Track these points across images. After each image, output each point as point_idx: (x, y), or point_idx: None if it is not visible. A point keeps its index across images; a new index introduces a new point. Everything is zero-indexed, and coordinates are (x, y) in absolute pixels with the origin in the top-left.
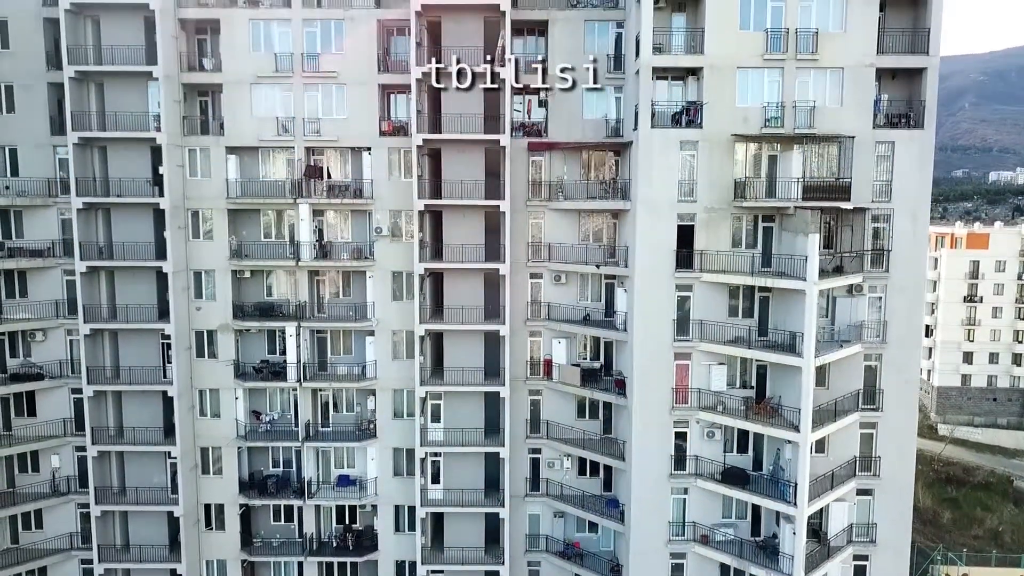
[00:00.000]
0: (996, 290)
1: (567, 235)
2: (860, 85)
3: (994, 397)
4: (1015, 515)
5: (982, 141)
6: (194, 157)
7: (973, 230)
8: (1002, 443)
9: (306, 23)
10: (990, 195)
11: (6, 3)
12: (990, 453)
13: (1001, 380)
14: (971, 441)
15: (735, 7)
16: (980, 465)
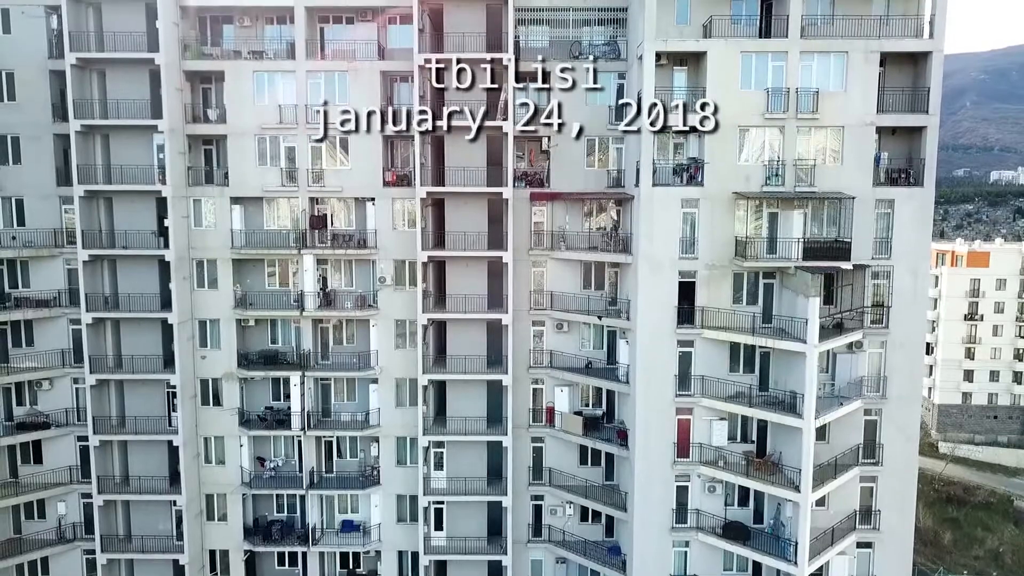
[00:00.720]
0: (997, 308)
1: (569, 283)
2: (860, 143)
3: (995, 415)
4: (1015, 536)
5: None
6: (199, 207)
7: (974, 248)
8: (1003, 461)
9: (310, 75)
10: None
11: (13, 55)
12: (991, 472)
13: (1002, 398)
14: (972, 459)
15: (736, 67)
16: (981, 484)
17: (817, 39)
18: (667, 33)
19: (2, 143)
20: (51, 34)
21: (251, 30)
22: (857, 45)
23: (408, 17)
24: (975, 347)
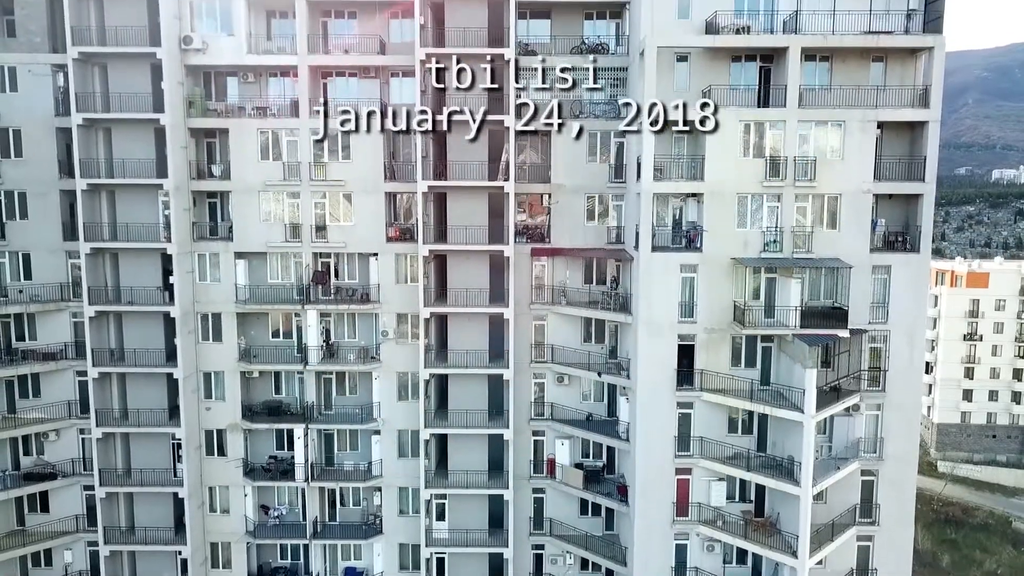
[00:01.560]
0: (996, 328)
1: (570, 337)
2: (858, 210)
3: (993, 434)
4: (1014, 557)
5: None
6: (203, 262)
7: (973, 268)
8: (1002, 481)
9: (313, 132)
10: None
11: (20, 112)
12: (989, 491)
13: (1001, 418)
14: (970, 479)
15: (735, 135)
16: (980, 505)
17: (815, 108)
18: (665, 98)
19: (9, 198)
20: (57, 91)
21: (255, 86)
22: (854, 115)
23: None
24: (974, 367)
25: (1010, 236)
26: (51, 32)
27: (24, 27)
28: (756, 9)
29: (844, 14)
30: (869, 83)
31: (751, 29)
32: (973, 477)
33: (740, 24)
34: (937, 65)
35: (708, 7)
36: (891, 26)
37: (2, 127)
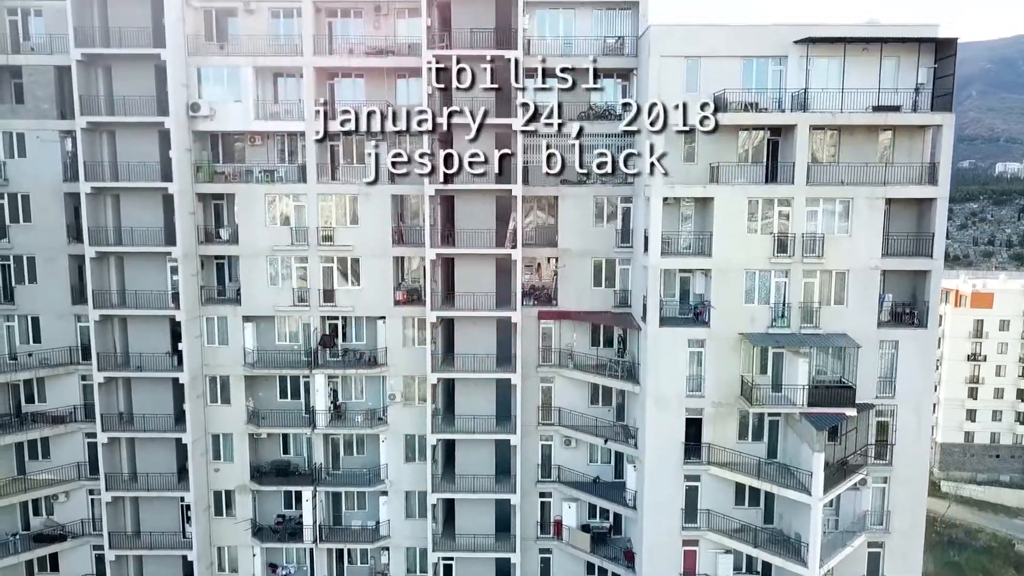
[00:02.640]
0: (1000, 349)
1: (577, 400)
2: (865, 286)
3: (997, 454)
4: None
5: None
6: (211, 325)
7: (977, 288)
8: (1005, 501)
9: (321, 197)
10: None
11: (28, 178)
12: (992, 512)
13: (1004, 437)
14: (974, 499)
15: (743, 211)
16: (983, 527)
17: (823, 185)
18: (673, 169)
19: (18, 263)
20: (66, 156)
21: (262, 148)
22: (862, 192)
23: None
24: (978, 387)
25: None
26: (59, 98)
27: (32, 93)
28: (764, 87)
29: (852, 92)
30: (877, 156)
31: (759, 106)
32: (976, 497)
33: (748, 100)
34: (946, 142)
35: (716, 82)
36: (900, 99)
37: (10, 192)
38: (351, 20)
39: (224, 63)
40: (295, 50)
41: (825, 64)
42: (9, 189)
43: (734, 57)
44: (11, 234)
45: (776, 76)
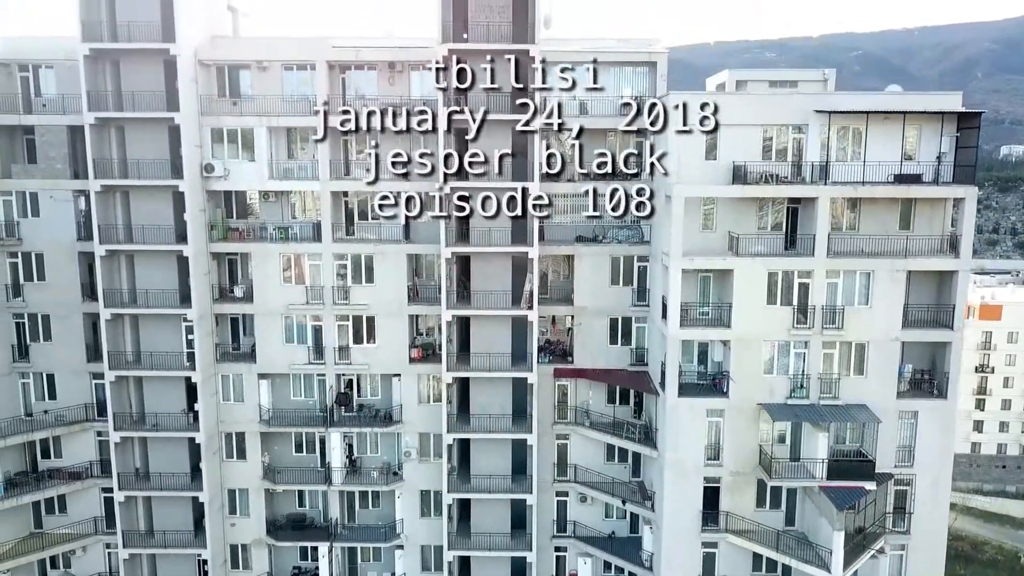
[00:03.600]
0: (1008, 360)
1: (593, 457)
2: (885, 357)
3: (1003, 464)
4: None
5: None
6: (227, 382)
7: (986, 300)
8: (1011, 512)
9: (337, 256)
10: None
11: (42, 237)
12: (998, 524)
13: (1011, 448)
14: (980, 510)
15: (762, 283)
16: (988, 539)
17: (844, 257)
18: (691, 237)
19: (33, 321)
20: (79, 215)
21: (276, 204)
22: (883, 264)
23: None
24: (986, 398)
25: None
26: (72, 157)
27: (45, 153)
28: (785, 160)
29: (874, 161)
30: (898, 225)
31: (779, 177)
32: (982, 508)
33: (769, 172)
34: (968, 215)
35: (736, 149)
36: (922, 167)
37: (24, 251)
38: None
39: (238, 123)
40: (309, 105)
41: (847, 131)
42: (23, 248)
43: (754, 126)
44: (25, 292)
45: (796, 144)
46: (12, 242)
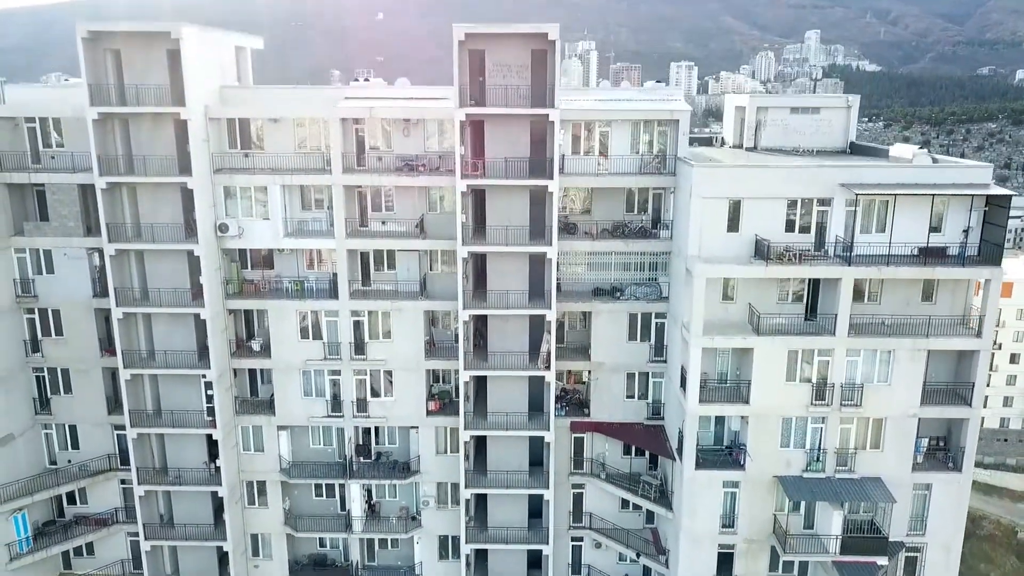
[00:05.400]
0: (1016, 337)
1: (608, 506)
2: (902, 433)
3: (1005, 438)
4: (1018, 568)
5: (1012, 35)
6: (246, 434)
7: None
8: (1010, 485)
9: (353, 313)
10: (1016, 114)
11: (58, 294)
12: (997, 497)
13: (1013, 423)
14: (979, 482)
15: (782, 361)
16: (987, 514)
17: (864, 337)
18: (711, 309)
19: (52, 374)
20: (94, 272)
21: (291, 257)
22: (904, 343)
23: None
24: (992, 373)
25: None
26: (84, 215)
27: (57, 212)
28: (808, 232)
29: (899, 232)
30: (920, 297)
31: (803, 255)
32: (982, 481)
33: (792, 252)
34: (993, 296)
35: (760, 221)
36: (948, 238)
37: (41, 307)
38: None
39: (251, 182)
40: (323, 158)
41: (872, 203)
42: (40, 304)
43: (778, 199)
44: (44, 347)
45: (821, 216)
46: (28, 299)
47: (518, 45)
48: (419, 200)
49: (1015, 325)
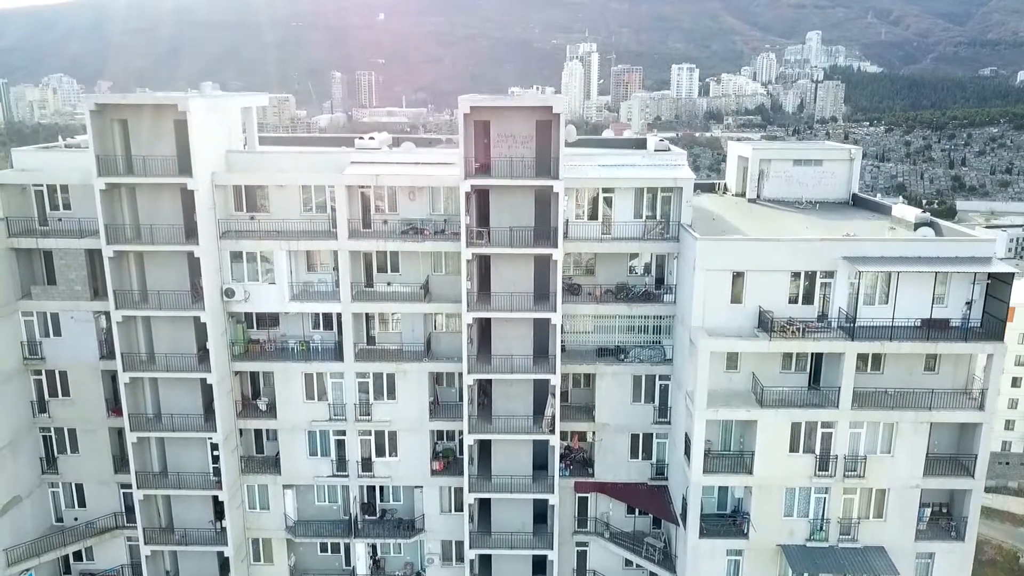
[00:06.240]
0: (1017, 360)
1: (612, 564)
2: (905, 503)
3: (1007, 461)
4: None
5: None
6: (252, 492)
7: None
8: (1011, 509)
9: (359, 375)
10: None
11: (64, 356)
12: (999, 521)
13: (1016, 446)
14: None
15: (785, 433)
16: (989, 538)
17: (868, 409)
18: (715, 379)
19: (60, 434)
20: (100, 334)
21: (297, 317)
22: (907, 416)
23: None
24: None
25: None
26: (91, 279)
27: (64, 276)
28: (811, 302)
29: (904, 306)
30: (923, 367)
31: (806, 329)
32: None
33: (795, 326)
34: (995, 370)
35: (763, 293)
36: (951, 311)
37: (48, 368)
38: (385, 190)
39: (257, 247)
40: (329, 221)
41: (876, 275)
42: (47, 366)
43: (781, 271)
44: (51, 408)
45: (824, 288)
46: (36, 360)
47: (523, 117)
48: (424, 262)
49: (1016, 349)
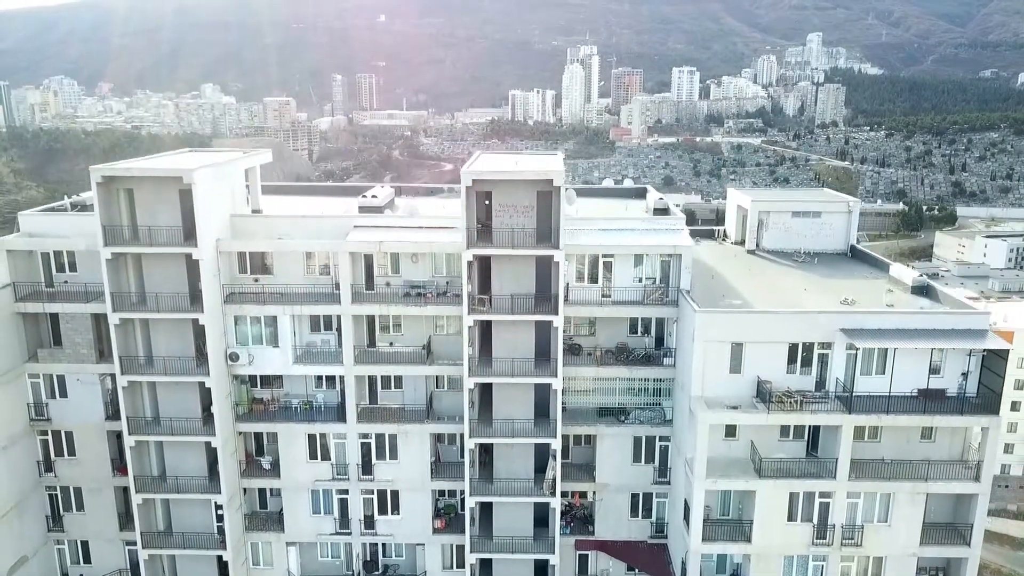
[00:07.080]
0: (1017, 384)
1: None
2: (901, 571)
3: (1006, 484)
4: None
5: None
6: (256, 549)
7: (998, 326)
8: (1010, 532)
9: (361, 436)
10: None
11: (70, 417)
12: (998, 544)
13: (1014, 469)
14: None
15: (783, 503)
16: (988, 563)
17: (864, 480)
18: (714, 446)
19: (65, 493)
20: (106, 395)
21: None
22: (904, 487)
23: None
24: None
25: None
26: (96, 341)
27: (70, 339)
28: (809, 372)
29: (901, 376)
30: (919, 436)
31: (804, 401)
32: None
33: (793, 398)
34: (991, 442)
35: (761, 363)
36: (947, 382)
37: (54, 429)
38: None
39: (261, 311)
40: (332, 282)
41: (872, 348)
42: (53, 427)
43: (779, 343)
44: (57, 467)
45: (821, 358)
46: (42, 422)
47: (524, 188)
48: (427, 323)
49: (1016, 373)
